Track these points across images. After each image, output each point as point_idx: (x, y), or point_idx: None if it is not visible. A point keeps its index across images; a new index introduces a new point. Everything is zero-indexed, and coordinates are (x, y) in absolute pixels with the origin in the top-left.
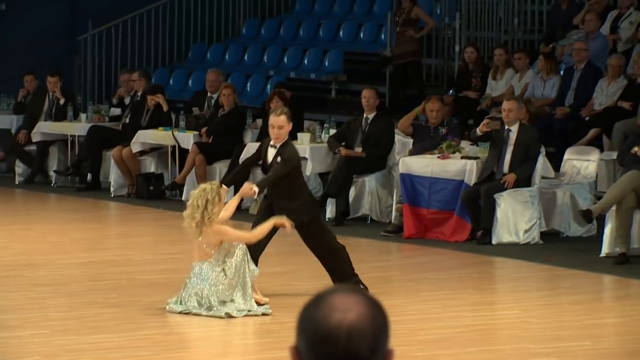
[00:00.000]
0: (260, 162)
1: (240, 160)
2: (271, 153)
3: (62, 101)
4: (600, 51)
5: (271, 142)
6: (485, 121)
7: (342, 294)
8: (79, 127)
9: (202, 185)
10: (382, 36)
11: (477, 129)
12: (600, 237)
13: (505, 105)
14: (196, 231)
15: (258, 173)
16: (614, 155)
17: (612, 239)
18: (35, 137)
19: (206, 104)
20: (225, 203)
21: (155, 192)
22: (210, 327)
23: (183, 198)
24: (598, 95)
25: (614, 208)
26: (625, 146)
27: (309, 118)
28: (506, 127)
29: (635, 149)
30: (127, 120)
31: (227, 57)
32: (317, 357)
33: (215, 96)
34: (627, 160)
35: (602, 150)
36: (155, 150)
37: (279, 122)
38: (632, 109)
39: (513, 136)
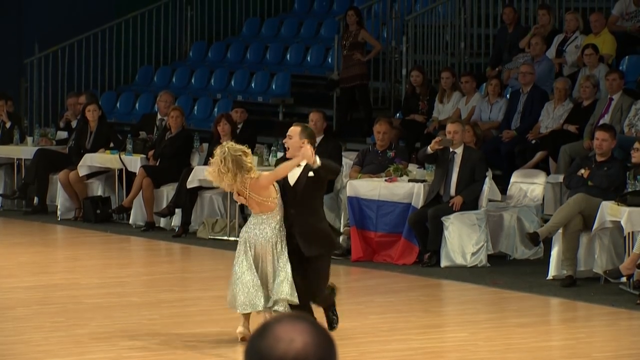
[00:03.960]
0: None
1: (188, 184)
2: (295, 171)
3: (8, 124)
4: (546, 74)
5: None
6: (437, 139)
7: (287, 323)
8: (25, 151)
9: (221, 148)
10: (329, 59)
11: (428, 147)
12: (547, 259)
13: (450, 127)
14: (237, 185)
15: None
16: (561, 178)
17: (559, 262)
18: None
19: (156, 126)
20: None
21: (102, 215)
22: (157, 350)
23: (130, 221)
24: (544, 119)
25: (560, 231)
26: (571, 169)
27: (256, 141)
28: (451, 149)
29: (582, 171)
30: (72, 144)
31: (174, 80)
32: None
33: (165, 118)
34: (574, 183)
35: (548, 173)
36: (102, 173)
37: (290, 130)
38: (578, 132)
39: (458, 158)
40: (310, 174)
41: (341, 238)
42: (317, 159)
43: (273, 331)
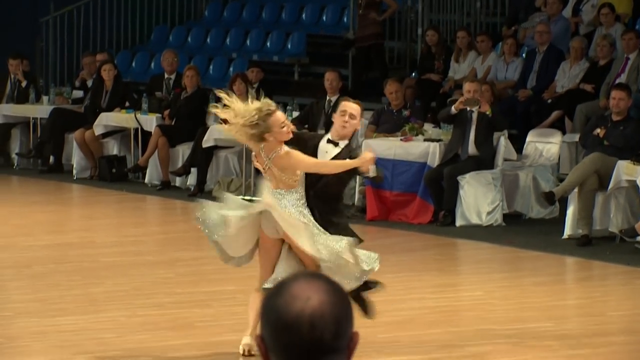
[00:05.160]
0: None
1: (204, 143)
2: (328, 149)
3: (24, 84)
4: (562, 34)
5: (330, 137)
6: (462, 98)
7: (303, 282)
8: (41, 110)
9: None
10: (345, 19)
11: (452, 107)
12: (562, 219)
13: (468, 87)
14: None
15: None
16: (576, 137)
17: (574, 221)
18: None
19: (164, 86)
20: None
21: (117, 174)
22: (173, 309)
23: (146, 180)
24: (560, 78)
25: (576, 190)
26: (587, 128)
27: (272, 100)
28: (468, 108)
29: (598, 130)
30: (88, 103)
31: (189, 39)
32: (282, 346)
33: (172, 77)
34: (589, 143)
35: (564, 133)
36: (118, 132)
37: (352, 108)
38: (594, 91)
39: (475, 116)
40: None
41: (357, 197)
42: (372, 169)
43: (289, 289)
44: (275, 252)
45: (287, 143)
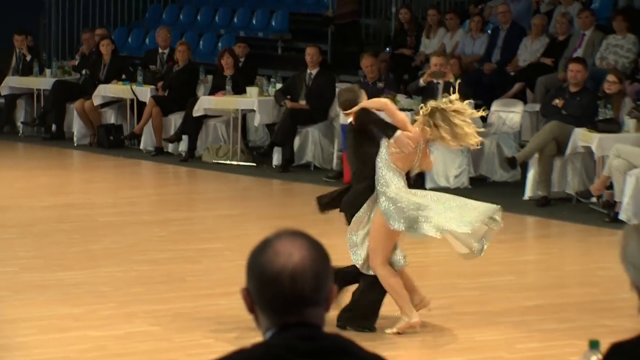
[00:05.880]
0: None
1: (194, 113)
2: None
3: (28, 57)
4: (524, 12)
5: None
6: (429, 71)
7: (286, 239)
8: (44, 82)
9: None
10: None
11: (421, 79)
12: (523, 182)
13: (435, 60)
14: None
15: None
16: (537, 107)
17: (534, 184)
18: (4, 91)
19: (158, 60)
20: None
21: (115, 141)
22: (165, 264)
23: (141, 147)
24: (522, 53)
25: (536, 155)
26: (547, 99)
27: (257, 73)
28: (435, 81)
29: (556, 101)
30: (86, 74)
31: (181, 17)
32: (265, 298)
33: (166, 52)
34: (549, 112)
35: (525, 103)
36: (115, 102)
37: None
38: (554, 64)
39: (441, 87)
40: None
41: (335, 162)
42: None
43: (273, 246)
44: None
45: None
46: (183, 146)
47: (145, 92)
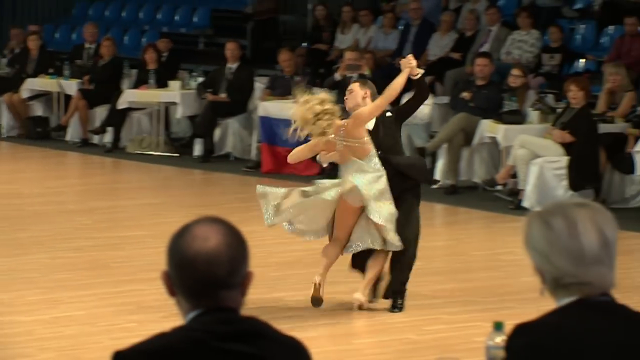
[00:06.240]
0: None
1: (119, 105)
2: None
3: None
4: (434, 9)
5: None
6: (343, 65)
7: (204, 224)
8: None
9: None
10: None
11: (337, 74)
12: (433, 170)
13: (348, 55)
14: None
15: None
16: (446, 99)
17: (443, 172)
18: None
19: (85, 54)
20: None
21: (42, 133)
22: (90, 252)
23: (67, 138)
24: (432, 47)
25: (445, 145)
26: (455, 92)
27: (180, 68)
28: (348, 75)
29: (464, 94)
30: (16, 67)
31: (107, 13)
32: (183, 281)
33: (92, 47)
34: (457, 104)
35: (435, 95)
36: (43, 95)
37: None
38: (462, 59)
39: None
40: (388, 114)
41: (253, 153)
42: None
43: (192, 231)
44: (354, 217)
45: None
46: (108, 137)
47: (72, 86)
